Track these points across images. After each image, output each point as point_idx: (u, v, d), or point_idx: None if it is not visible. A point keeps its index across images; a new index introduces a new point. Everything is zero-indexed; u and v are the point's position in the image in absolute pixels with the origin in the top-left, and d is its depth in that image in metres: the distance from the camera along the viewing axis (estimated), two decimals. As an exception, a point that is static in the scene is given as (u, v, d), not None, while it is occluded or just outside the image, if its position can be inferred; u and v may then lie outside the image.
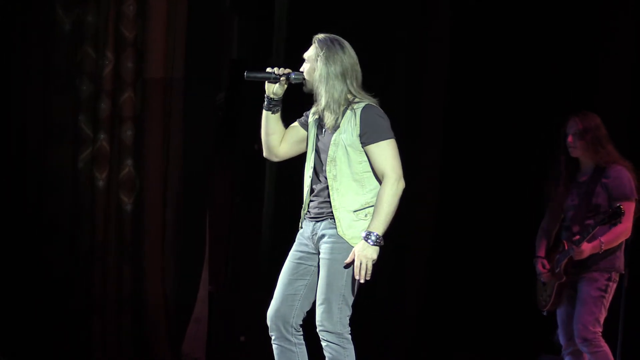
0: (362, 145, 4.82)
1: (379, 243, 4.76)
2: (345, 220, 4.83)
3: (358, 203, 4.83)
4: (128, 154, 7.35)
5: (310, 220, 4.94)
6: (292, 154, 5.08)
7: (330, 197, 4.85)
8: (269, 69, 4.93)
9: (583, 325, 6.22)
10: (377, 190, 4.83)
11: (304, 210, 4.98)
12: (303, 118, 5.04)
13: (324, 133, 4.91)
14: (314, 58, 4.89)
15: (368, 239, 4.75)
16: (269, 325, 4.95)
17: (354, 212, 4.83)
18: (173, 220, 7.46)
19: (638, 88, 7.66)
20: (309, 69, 4.91)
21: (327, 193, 4.87)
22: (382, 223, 4.76)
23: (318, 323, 4.83)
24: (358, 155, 4.84)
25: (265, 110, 4.98)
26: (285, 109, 5.00)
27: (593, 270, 6.26)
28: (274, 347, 4.96)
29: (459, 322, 7.98)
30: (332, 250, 4.83)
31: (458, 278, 8.01)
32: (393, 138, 4.83)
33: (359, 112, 4.83)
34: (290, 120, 5.06)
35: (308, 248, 4.94)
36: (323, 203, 4.89)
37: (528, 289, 6.66)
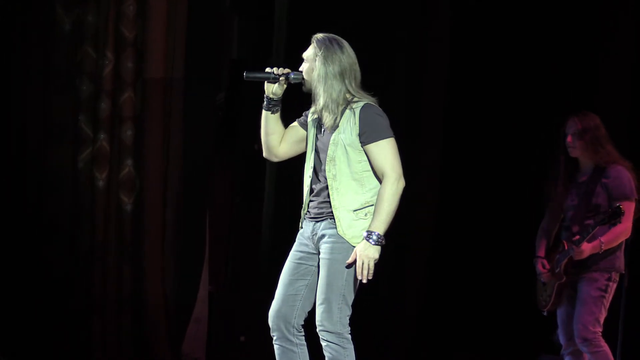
0: (361, 145, 4.81)
1: (381, 242, 4.75)
2: (345, 220, 4.82)
3: (358, 202, 4.83)
4: (128, 154, 7.35)
5: (310, 221, 4.93)
6: (291, 154, 5.07)
7: (330, 196, 4.84)
8: (268, 69, 4.92)
9: (583, 325, 6.21)
10: (376, 190, 4.82)
11: (304, 210, 4.97)
12: (302, 118, 5.03)
13: (323, 133, 4.91)
14: (313, 58, 4.89)
15: (369, 239, 4.74)
16: (271, 326, 4.94)
17: (354, 211, 4.82)
18: (173, 220, 7.46)
19: (638, 88, 7.65)
20: (308, 69, 4.91)
21: (326, 193, 4.86)
22: (383, 222, 4.75)
23: (318, 323, 4.83)
24: (357, 155, 4.83)
25: (265, 110, 4.97)
26: (285, 109, 5.00)
27: (593, 270, 6.25)
28: (275, 347, 4.95)
29: (459, 322, 7.98)
30: (332, 250, 4.83)
31: (458, 278, 8.01)
32: (392, 137, 4.82)
33: (358, 111, 4.82)
34: (290, 120, 5.05)
35: (308, 248, 4.94)
36: (323, 203, 4.88)
37: (528, 289, 6.65)
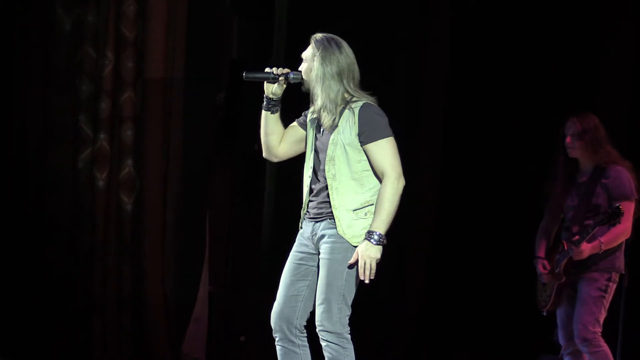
0: (361, 144, 4.81)
1: (382, 242, 4.75)
2: (345, 220, 4.82)
3: (357, 202, 4.82)
4: (128, 154, 7.35)
5: (310, 221, 4.93)
6: (291, 154, 5.06)
7: (330, 196, 4.84)
8: (268, 69, 4.92)
9: (583, 325, 6.21)
10: (376, 189, 4.82)
11: (304, 211, 4.97)
12: (302, 118, 5.03)
13: (323, 133, 4.90)
14: (311, 58, 4.88)
15: (371, 239, 4.74)
16: (273, 327, 4.93)
17: (354, 211, 4.82)
18: (173, 220, 7.46)
19: (638, 88, 7.65)
20: (306, 69, 4.90)
21: (326, 193, 4.86)
22: (384, 222, 4.75)
23: (318, 323, 4.82)
24: (357, 154, 4.82)
25: (265, 111, 4.97)
26: (285, 109, 4.99)
27: (593, 271, 6.25)
28: (278, 348, 4.94)
29: (459, 322, 7.98)
30: (332, 250, 4.82)
31: (458, 278, 8.00)
32: (392, 136, 4.82)
33: (357, 111, 4.82)
34: (290, 120, 5.05)
35: (308, 248, 4.93)
36: (322, 203, 4.88)
37: (528, 289, 6.65)
